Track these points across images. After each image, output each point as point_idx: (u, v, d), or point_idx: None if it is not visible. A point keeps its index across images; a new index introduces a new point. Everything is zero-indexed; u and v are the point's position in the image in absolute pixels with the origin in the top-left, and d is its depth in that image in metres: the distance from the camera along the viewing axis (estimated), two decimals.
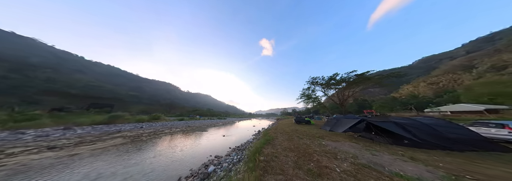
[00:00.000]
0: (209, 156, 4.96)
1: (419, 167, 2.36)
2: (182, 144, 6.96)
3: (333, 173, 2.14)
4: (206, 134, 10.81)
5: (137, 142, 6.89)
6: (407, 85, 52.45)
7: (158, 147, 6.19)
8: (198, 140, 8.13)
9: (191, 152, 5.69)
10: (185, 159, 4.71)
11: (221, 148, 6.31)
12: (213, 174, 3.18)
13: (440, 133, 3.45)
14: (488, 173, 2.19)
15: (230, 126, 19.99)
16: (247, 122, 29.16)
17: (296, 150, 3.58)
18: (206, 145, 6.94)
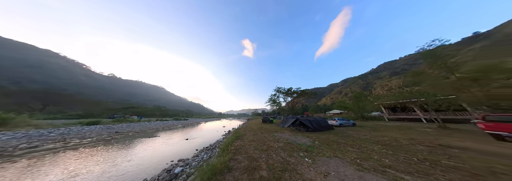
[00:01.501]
0: (170, 162, 4.56)
1: (307, 139, 5.11)
2: (125, 153, 5.29)
3: (273, 148, 3.87)
4: (159, 140, 8.68)
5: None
6: (325, 98, 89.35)
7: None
8: (149, 148, 6.53)
9: (144, 161, 4.67)
10: (134, 171, 3.81)
11: (185, 151, 5.91)
12: (182, 173, 3.29)
13: (320, 124, 7.41)
14: (323, 137, 5.54)
15: (194, 128, 17.28)
16: (216, 123, 27.03)
17: (257, 140, 5.08)
18: (163, 151, 5.97)
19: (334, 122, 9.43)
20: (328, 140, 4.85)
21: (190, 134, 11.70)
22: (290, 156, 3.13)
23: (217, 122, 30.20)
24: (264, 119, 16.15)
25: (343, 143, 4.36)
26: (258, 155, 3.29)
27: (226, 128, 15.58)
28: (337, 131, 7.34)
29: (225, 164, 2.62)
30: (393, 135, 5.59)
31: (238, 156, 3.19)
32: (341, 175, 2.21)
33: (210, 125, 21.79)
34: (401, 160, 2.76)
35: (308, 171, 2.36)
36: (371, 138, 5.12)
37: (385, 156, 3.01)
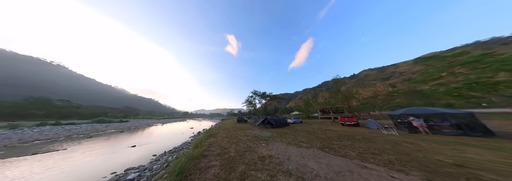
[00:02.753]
0: (110, 174, 3.62)
1: (269, 133, 6.87)
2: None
3: (242, 140, 4.92)
4: (73, 153, 5.88)
5: None
6: (291, 101, 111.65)
7: None
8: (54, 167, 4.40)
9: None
10: None
11: (135, 160, 4.94)
12: (140, 178, 2.96)
13: (281, 122, 9.97)
14: (280, 131, 7.73)
15: (144, 132, 13.18)
16: (180, 125, 22.41)
17: (230, 137, 5.81)
18: (92, 165, 4.49)
19: (290, 120, 12.94)
20: (282, 132, 6.95)
21: (138, 139, 8.92)
22: (253, 144, 4.35)
23: (181, 124, 24.91)
24: (239, 119, 16.90)
25: (289, 133, 6.60)
26: (229, 145, 4.11)
27: (195, 130, 13.87)
28: (291, 126, 10.26)
29: (200, 153, 3.13)
30: (315, 127, 9.35)
31: (212, 148, 3.79)
32: (278, 149, 3.80)
33: (171, 128, 17.65)
34: (308, 138, 5.19)
35: (261, 149, 3.68)
36: (304, 129, 8.20)
37: (303, 137, 5.39)
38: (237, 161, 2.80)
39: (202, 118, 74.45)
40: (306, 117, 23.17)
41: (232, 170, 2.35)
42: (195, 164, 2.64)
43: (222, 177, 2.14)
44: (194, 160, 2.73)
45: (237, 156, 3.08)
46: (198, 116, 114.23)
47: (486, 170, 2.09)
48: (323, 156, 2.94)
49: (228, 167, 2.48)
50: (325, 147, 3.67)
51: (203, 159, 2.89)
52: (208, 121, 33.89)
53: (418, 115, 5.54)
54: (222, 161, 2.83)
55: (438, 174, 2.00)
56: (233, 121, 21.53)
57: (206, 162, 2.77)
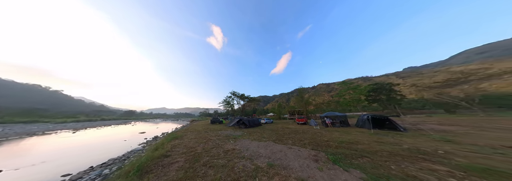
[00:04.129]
0: None
1: (241, 132, 7.57)
2: None
3: (212, 140, 5.20)
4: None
5: None
6: (269, 103, 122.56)
7: None
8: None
9: None
10: None
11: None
12: None
13: (254, 122, 11.11)
14: (252, 130, 8.76)
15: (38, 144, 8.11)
16: (121, 129, 16.19)
17: (199, 137, 5.71)
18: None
19: (263, 121, 14.69)
20: (252, 131, 7.94)
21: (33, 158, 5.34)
22: (222, 142, 4.78)
23: (120, 128, 17.80)
24: (214, 120, 15.91)
25: (257, 132, 7.74)
26: (196, 145, 4.22)
27: (149, 134, 10.84)
28: (262, 126, 11.70)
29: (162, 154, 3.04)
30: (279, 126, 11.57)
31: (177, 149, 3.73)
32: (243, 144, 4.60)
33: (96, 134, 12.24)
34: (270, 134, 6.61)
35: (228, 146, 4.26)
36: (271, 128, 9.92)
37: (266, 134, 6.73)
38: (203, 155, 3.16)
39: (162, 119, 57.48)
40: (278, 118, 27.04)
41: (196, 161, 2.73)
42: (156, 163, 2.60)
43: (185, 167, 2.42)
44: (154, 160, 2.67)
45: (203, 152, 3.39)
46: (155, 117, 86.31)
47: (343, 142, 4.40)
48: (272, 145, 4.18)
49: (193, 160, 2.78)
50: (277, 140, 5.09)
51: (166, 158, 2.89)
52: (171, 123, 27.24)
53: (329, 116, 9.26)
54: (188, 157, 3.02)
55: (320, 146, 3.90)
56: (206, 122, 19.52)
57: (170, 160, 2.82)
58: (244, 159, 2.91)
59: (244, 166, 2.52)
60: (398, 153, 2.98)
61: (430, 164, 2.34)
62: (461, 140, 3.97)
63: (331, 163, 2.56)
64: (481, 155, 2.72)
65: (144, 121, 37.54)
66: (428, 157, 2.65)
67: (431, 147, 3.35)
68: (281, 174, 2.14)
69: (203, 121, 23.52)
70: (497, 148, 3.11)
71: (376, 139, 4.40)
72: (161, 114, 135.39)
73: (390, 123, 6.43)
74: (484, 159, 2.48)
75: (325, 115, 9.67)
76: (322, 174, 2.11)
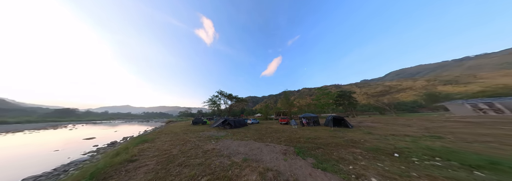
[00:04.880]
0: None
1: (226, 133, 7.52)
2: None
3: (192, 141, 4.96)
4: None
5: None
6: (258, 104, 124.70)
7: None
8: None
9: None
10: None
11: None
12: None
13: (240, 122, 11.23)
14: (237, 130, 8.85)
15: None
16: (50, 135, 11.83)
17: (176, 139, 5.28)
18: None
19: (249, 121, 15.03)
20: (237, 132, 8.07)
21: None
22: (202, 143, 4.69)
23: (47, 134, 12.97)
24: (196, 121, 14.63)
25: (242, 132, 7.96)
26: (172, 148, 3.95)
27: (102, 140, 8.58)
28: (248, 126, 11.97)
29: (126, 159, 2.70)
30: (264, 126, 12.28)
31: (147, 152, 3.36)
32: (224, 144, 4.72)
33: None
34: (253, 134, 7.01)
35: (209, 146, 4.27)
36: (256, 128, 10.40)
37: (250, 134, 7.10)
38: (179, 156, 3.08)
39: (124, 120, 45.41)
40: (264, 118, 28.19)
41: (170, 162, 2.65)
42: (117, 168, 2.31)
43: (157, 169, 2.34)
44: (115, 166, 2.37)
45: (179, 154, 3.28)
46: (111, 118, 66.98)
47: (310, 138, 5.40)
48: (252, 144, 4.58)
49: (167, 162, 2.69)
50: (258, 138, 5.56)
51: (132, 163, 2.60)
52: (138, 125, 22.18)
53: (305, 117, 10.98)
54: (161, 159, 2.85)
55: (292, 142, 4.70)
56: (187, 123, 17.49)
57: (136, 164, 2.56)
58: (223, 157, 3.10)
59: (221, 163, 2.71)
60: (340, 143, 4.17)
61: (354, 149, 3.52)
62: (375, 132, 6.00)
63: (295, 154, 3.27)
64: (378, 140, 4.35)
65: (93, 123, 28.19)
66: (355, 145, 3.93)
67: (359, 138, 4.89)
68: (252, 166, 2.52)
69: (183, 122, 20.89)
70: (387, 136, 5.04)
71: (332, 135, 5.78)
72: (123, 114, 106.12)
73: (344, 122, 8.53)
74: (379, 143, 4.01)
75: (302, 116, 11.33)
76: (285, 163, 2.71)
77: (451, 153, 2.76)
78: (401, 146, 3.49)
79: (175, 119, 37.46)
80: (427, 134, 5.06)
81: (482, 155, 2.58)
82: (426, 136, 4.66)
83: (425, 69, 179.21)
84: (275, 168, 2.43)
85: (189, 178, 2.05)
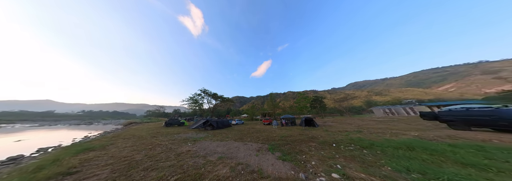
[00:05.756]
0: None
1: (206, 134, 7.18)
2: None
3: (162, 145, 4.49)
4: None
5: None
6: (245, 105, 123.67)
7: None
8: None
9: None
10: None
11: None
12: None
13: (223, 123, 10.97)
14: (219, 132, 8.61)
15: None
16: None
17: (142, 144, 4.59)
18: None
19: (234, 122, 14.92)
20: (219, 133, 7.90)
21: None
22: (176, 146, 4.38)
23: None
24: (170, 122, 12.73)
25: (224, 133, 7.90)
26: (134, 154, 3.47)
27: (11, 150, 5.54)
28: (232, 127, 11.84)
29: (61, 172, 2.16)
30: (248, 126, 12.61)
31: (95, 162, 2.78)
32: (202, 145, 4.64)
33: None
34: (235, 134, 7.17)
35: (183, 148, 4.08)
36: (239, 129, 10.55)
37: (232, 134, 7.22)
38: (145, 161, 2.80)
39: (38, 123, 30.90)
40: (250, 119, 28.61)
41: (133, 168, 2.41)
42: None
43: (112, 177, 2.09)
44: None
45: (145, 158, 2.99)
46: (8, 120, 43.67)
47: (283, 136, 6.29)
48: (231, 143, 4.82)
49: (128, 168, 2.42)
50: (238, 138, 5.85)
51: (70, 176, 2.13)
52: (71, 130, 15.74)
53: (285, 118, 12.51)
54: (118, 167, 2.48)
55: (269, 140, 5.36)
56: (158, 124, 14.67)
57: (78, 176, 2.11)
58: (198, 158, 3.13)
59: (194, 163, 2.76)
60: (304, 139, 5.28)
61: (311, 143, 4.64)
62: (330, 129, 8.00)
63: (267, 151, 3.88)
64: (328, 135, 5.93)
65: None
66: (313, 140, 5.14)
67: (318, 134, 6.38)
68: (226, 162, 2.79)
69: (153, 124, 17.33)
70: (335, 132, 6.94)
71: (301, 133, 7.04)
72: (36, 113, 70.71)
73: (313, 122, 10.55)
74: (328, 137, 5.50)
75: (283, 117, 12.80)
76: (256, 158, 3.20)
77: (359, 141, 4.37)
78: (339, 139, 4.98)
79: (140, 120, 29.28)
80: (356, 129, 7.41)
81: (371, 140, 4.29)
82: (355, 131, 6.83)
83: (368, 83, 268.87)
84: (246, 162, 2.85)
85: (157, 179, 2.02)
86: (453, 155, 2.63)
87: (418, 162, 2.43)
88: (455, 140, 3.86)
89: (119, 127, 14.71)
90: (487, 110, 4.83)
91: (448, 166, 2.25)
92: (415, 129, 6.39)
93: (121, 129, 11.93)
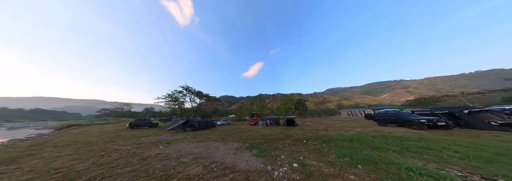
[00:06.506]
0: None
1: (184, 136, 6.55)
2: None
3: (122, 150, 3.81)
4: None
5: None
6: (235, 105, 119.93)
7: None
8: None
9: None
10: None
11: None
12: None
13: (207, 124, 10.31)
14: (201, 133, 8.03)
15: None
16: None
17: (90, 152, 3.67)
18: None
19: (219, 122, 14.30)
20: (200, 134, 7.37)
21: None
22: (142, 150, 3.84)
23: None
24: (137, 123, 10.66)
25: (206, 133, 7.47)
26: (78, 162, 2.78)
27: None
28: (216, 128, 11.26)
29: None
30: (233, 127, 12.42)
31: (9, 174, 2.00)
32: (176, 147, 4.27)
33: None
34: (217, 135, 6.97)
35: (152, 152, 3.65)
36: (223, 129, 10.23)
37: (214, 135, 6.95)
38: (92, 170, 2.33)
39: None
40: (238, 120, 28.09)
41: (70, 180, 1.97)
42: None
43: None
44: None
45: (93, 167, 2.47)
46: None
47: (264, 135, 6.68)
48: (211, 144, 4.72)
49: (63, 179, 1.95)
50: (220, 139, 5.76)
51: None
52: None
53: (269, 118, 13.30)
54: (46, 179, 1.94)
55: (250, 140, 5.61)
56: (117, 127, 11.80)
57: None
58: (169, 160, 2.93)
59: (163, 165, 2.58)
60: (282, 138, 5.88)
61: (287, 141, 5.27)
62: (306, 128, 9.25)
63: (246, 149, 4.12)
64: (303, 134, 6.94)
65: None
66: (289, 138, 5.84)
67: (295, 133, 7.27)
68: (200, 162, 2.79)
69: (110, 125, 13.82)
70: (309, 130, 8.21)
71: (281, 132, 7.72)
72: None
73: (294, 122, 11.80)
74: (301, 135, 6.34)
75: (268, 117, 13.55)
76: (233, 156, 3.35)
77: (323, 137, 5.42)
78: (309, 136, 5.91)
79: (88, 121, 21.69)
80: (324, 128, 9.00)
81: (330, 136, 5.44)
82: (323, 129, 8.27)
83: (340, 89, 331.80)
84: (222, 161, 2.95)
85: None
86: (371, 143, 3.84)
87: (351, 149, 3.39)
88: (376, 133, 5.54)
89: (47, 132, 10.46)
90: (393, 113, 7.37)
91: (366, 150, 3.29)
92: (360, 126, 8.51)
93: (50, 134, 8.55)
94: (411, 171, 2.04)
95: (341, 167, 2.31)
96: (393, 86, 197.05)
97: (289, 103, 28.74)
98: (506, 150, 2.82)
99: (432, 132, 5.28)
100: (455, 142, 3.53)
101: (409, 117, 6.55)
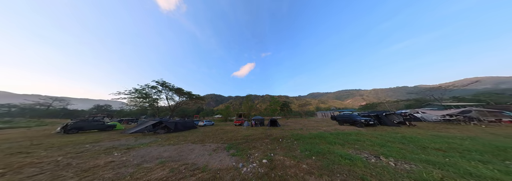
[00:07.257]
0: None
1: (152, 139, 5.66)
2: None
3: (42, 164, 2.92)
4: None
5: None
6: (222, 104, 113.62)
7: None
8: None
9: None
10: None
11: None
12: None
13: (185, 125, 9.30)
14: (176, 135, 7.16)
15: None
16: None
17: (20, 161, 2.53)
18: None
19: (201, 123, 13.21)
20: (176, 136, 6.59)
21: None
22: (85, 159, 3.08)
23: None
24: (76, 126, 8.04)
25: (183, 135, 6.76)
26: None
27: None
28: (197, 129, 10.30)
29: None
30: (217, 128, 11.83)
31: None
32: (139, 153, 3.72)
33: None
34: (196, 136, 6.50)
35: (99, 161, 3.01)
36: (204, 130, 9.57)
37: (193, 136, 6.44)
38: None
39: None
40: (224, 120, 26.80)
41: None
42: None
43: None
44: None
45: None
46: None
47: (246, 135, 6.81)
48: (186, 146, 4.39)
49: None
50: (199, 140, 5.42)
51: None
52: None
53: (255, 119, 13.71)
54: None
55: (231, 140, 5.60)
56: (41, 132, 8.52)
57: None
58: (126, 167, 2.56)
59: (116, 174, 2.25)
60: (262, 137, 6.21)
61: (265, 140, 5.67)
62: (285, 128, 10.23)
63: (224, 149, 4.13)
64: (281, 133, 7.61)
65: None
66: (268, 137, 6.31)
67: (274, 132, 7.90)
68: (167, 165, 2.60)
69: (18, 131, 10.20)
70: (287, 130, 9.10)
71: (263, 132, 8.10)
72: None
73: (276, 123, 12.69)
74: (279, 134, 6.95)
75: (253, 118, 13.90)
76: (207, 157, 3.32)
77: (296, 135, 6.23)
78: (286, 135, 6.56)
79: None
80: (300, 127, 10.29)
81: (302, 134, 6.34)
82: (299, 128, 9.44)
83: (319, 94, 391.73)
84: (193, 162, 2.87)
85: None
86: (328, 139, 4.86)
87: (312, 145, 4.16)
88: (334, 131, 7.01)
89: None
90: (348, 115, 9.68)
91: (322, 145, 4.14)
92: (327, 126, 10.38)
93: None
94: (341, 157, 2.83)
95: (300, 159, 2.84)
96: (354, 94, 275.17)
97: (275, 104, 30.74)
98: (393, 138, 4.45)
99: (366, 129, 7.29)
100: (373, 135, 5.11)
101: (356, 118, 8.74)
